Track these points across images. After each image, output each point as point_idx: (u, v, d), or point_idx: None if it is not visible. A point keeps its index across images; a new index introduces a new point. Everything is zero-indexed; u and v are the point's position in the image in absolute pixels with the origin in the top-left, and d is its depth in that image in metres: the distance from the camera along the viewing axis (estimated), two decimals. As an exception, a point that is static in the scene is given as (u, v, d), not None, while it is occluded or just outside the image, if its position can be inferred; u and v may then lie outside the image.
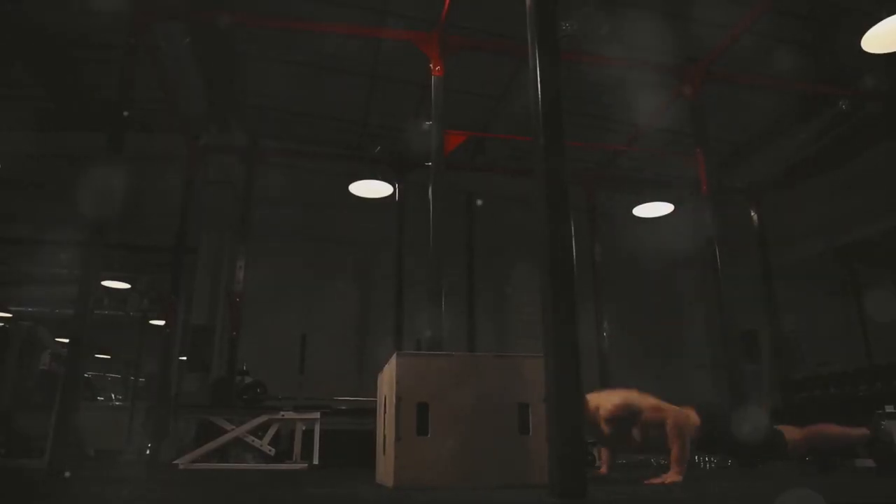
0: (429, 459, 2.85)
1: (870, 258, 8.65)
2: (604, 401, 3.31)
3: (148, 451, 6.45)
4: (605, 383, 7.91)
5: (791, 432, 3.62)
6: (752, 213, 8.02)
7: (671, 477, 3.10)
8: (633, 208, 8.35)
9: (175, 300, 6.35)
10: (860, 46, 5.48)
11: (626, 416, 3.27)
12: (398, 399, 2.90)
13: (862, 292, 8.41)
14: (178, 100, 7.27)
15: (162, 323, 7.55)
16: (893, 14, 4.98)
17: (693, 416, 3.34)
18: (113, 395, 11.51)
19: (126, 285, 9.64)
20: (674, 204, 8.26)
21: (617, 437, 3.36)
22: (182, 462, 5.40)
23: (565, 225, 2.30)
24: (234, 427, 5.66)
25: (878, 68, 6.52)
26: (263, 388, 7.11)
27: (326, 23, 5.71)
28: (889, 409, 5.59)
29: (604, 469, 3.73)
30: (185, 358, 8.12)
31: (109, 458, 7.16)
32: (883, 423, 3.83)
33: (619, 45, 6.31)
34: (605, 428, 3.29)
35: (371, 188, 7.63)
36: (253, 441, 5.71)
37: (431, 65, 5.04)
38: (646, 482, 3.06)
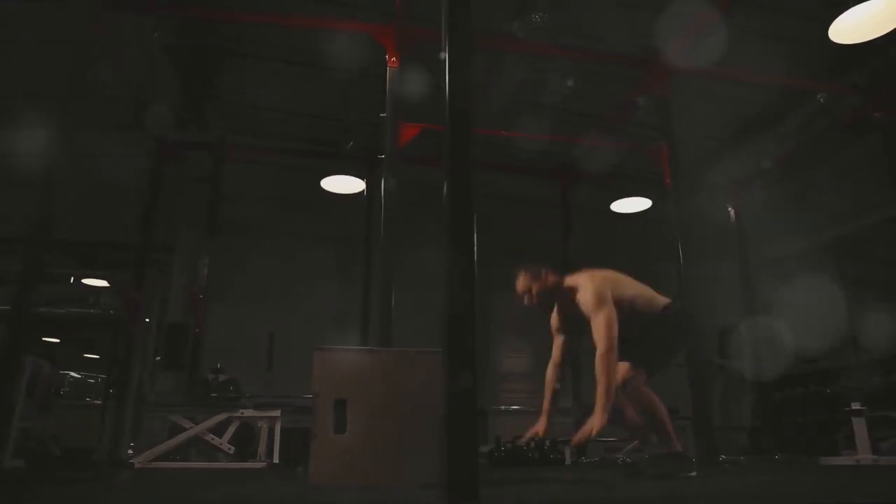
0: (346, 458, 2.77)
1: (857, 253, 8.54)
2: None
3: (130, 451, 6.39)
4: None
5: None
6: (730, 209, 7.89)
7: (593, 423, 2.92)
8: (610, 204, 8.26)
9: (138, 297, 6.27)
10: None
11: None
12: (314, 395, 2.81)
13: (849, 288, 8.31)
14: (145, 95, 7.25)
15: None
16: (859, 3, 4.87)
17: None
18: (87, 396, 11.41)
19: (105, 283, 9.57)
20: (651, 199, 8.16)
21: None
22: (139, 461, 5.33)
23: (468, 221, 2.20)
24: (193, 425, 5.58)
25: (853, 61, 6.40)
26: (237, 386, 7.04)
27: (286, 16, 5.63)
28: (855, 405, 5.52)
29: (541, 428, 3.34)
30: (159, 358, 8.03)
31: (77, 458, 7.10)
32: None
33: (586, 38, 6.23)
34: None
35: (343, 184, 7.55)
36: (213, 439, 5.63)
37: (387, 56, 4.95)
38: (573, 441, 3.09)
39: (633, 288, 3.32)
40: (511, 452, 6.28)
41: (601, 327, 3.02)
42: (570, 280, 3.32)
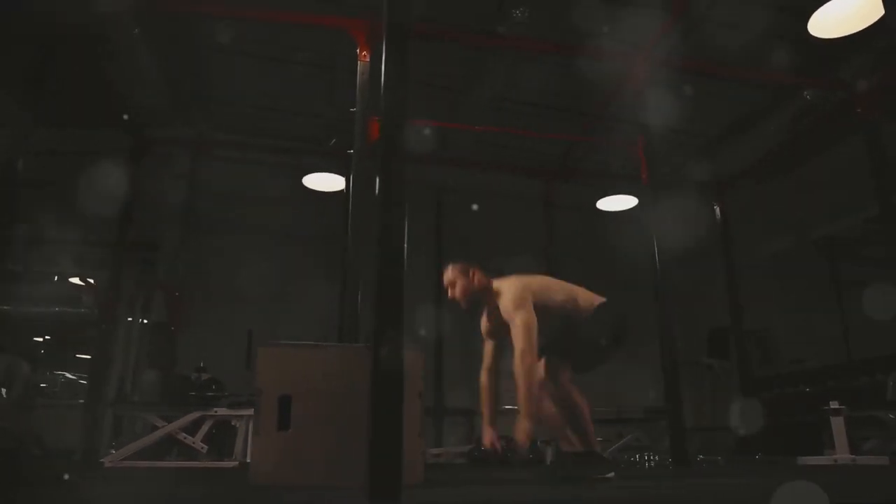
0: (289, 456, 2.70)
1: (848, 251, 8.46)
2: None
3: (113, 451, 6.34)
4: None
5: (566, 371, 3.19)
6: (716, 208, 7.81)
7: (518, 432, 2.92)
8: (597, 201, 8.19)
9: (113, 295, 6.22)
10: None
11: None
12: (257, 391, 2.75)
13: (841, 287, 8.22)
14: (127, 92, 7.20)
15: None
16: (837, -5, 4.80)
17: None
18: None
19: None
20: (638, 197, 8.08)
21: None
22: (109, 460, 5.28)
23: (399, 218, 2.14)
24: (165, 424, 5.54)
25: (837, 55, 6.32)
26: (220, 384, 6.99)
27: (262, 10, 5.57)
28: (833, 405, 5.44)
29: (487, 439, 3.24)
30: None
31: (58, 458, 7.06)
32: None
33: (566, 32, 6.16)
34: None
35: (325, 181, 7.49)
36: (185, 438, 5.57)
37: (358, 50, 4.89)
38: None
39: (563, 292, 3.24)
40: (489, 452, 6.21)
41: (519, 331, 2.99)
42: (497, 284, 3.25)
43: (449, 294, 3.32)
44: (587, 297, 3.26)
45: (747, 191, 8.36)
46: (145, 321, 8.14)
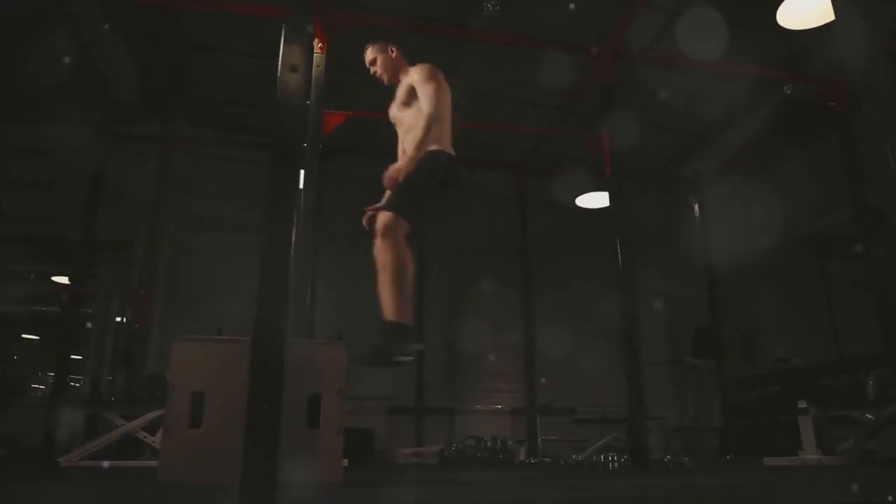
0: (200, 454, 2.61)
1: (836, 248, 8.33)
2: None
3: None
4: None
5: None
6: (694, 204, 7.69)
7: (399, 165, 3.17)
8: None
9: (75, 293, 6.14)
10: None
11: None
12: (170, 387, 2.66)
13: (830, 283, 8.10)
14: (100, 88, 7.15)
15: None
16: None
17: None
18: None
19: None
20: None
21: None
22: (65, 459, 5.19)
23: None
24: (124, 422, 5.45)
25: (812, 47, 6.20)
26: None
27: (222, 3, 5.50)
28: (802, 404, 5.32)
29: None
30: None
31: (32, 458, 7.01)
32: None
33: (539, 26, 6.05)
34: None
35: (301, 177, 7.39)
36: (145, 437, 5.49)
37: (314, 42, 4.80)
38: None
39: (447, 116, 3.33)
40: (459, 453, 6.12)
41: (429, 92, 3.18)
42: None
43: (371, 71, 3.50)
44: (443, 137, 3.28)
45: (729, 186, 8.24)
46: (121, 320, 8.10)
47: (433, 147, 3.19)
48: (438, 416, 8.98)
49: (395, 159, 3.37)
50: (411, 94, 3.33)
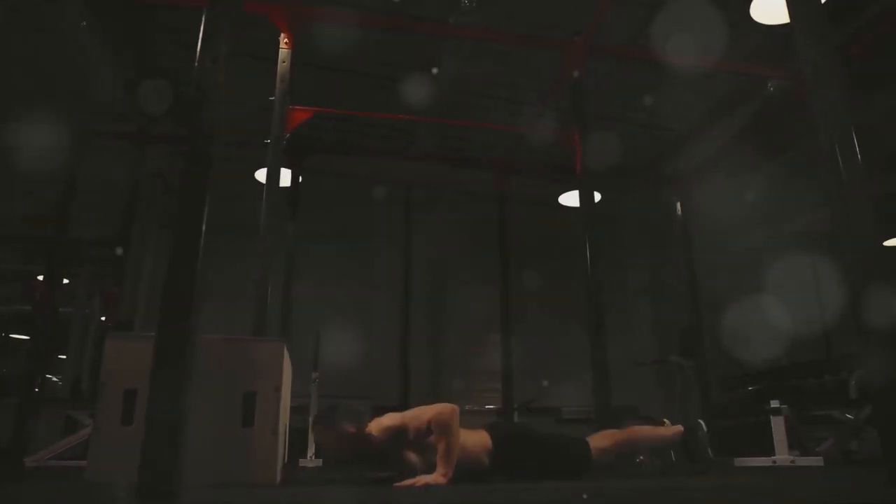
0: (131, 452, 2.55)
1: (823, 245, 8.24)
2: (375, 426, 2.90)
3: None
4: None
5: (599, 440, 3.31)
6: (677, 201, 7.61)
7: (434, 478, 2.71)
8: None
9: (46, 291, 6.09)
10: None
11: (396, 436, 2.86)
12: (101, 385, 2.60)
13: (819, 281, 8.01)
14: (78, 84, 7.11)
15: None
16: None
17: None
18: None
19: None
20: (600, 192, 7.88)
21: (407, 462, 2.94)
22: (32, 459, 5.16)
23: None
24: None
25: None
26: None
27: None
28: (774, 404, 5.25)
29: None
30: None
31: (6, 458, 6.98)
32: (700, 419, 3.53)
33: (516, 21, 5.98)
34: (391, 454, 2.93)
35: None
36: (115, 437, 5.44)
37: (281, 37, 4.75)
38: (396, 484, 2.69)
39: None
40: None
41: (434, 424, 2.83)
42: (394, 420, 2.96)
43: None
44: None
45: (714, 185, 8.16)
46: (104, 319, 8.06)
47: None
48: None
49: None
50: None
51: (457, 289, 9.53)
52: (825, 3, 3.01)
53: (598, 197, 7.91)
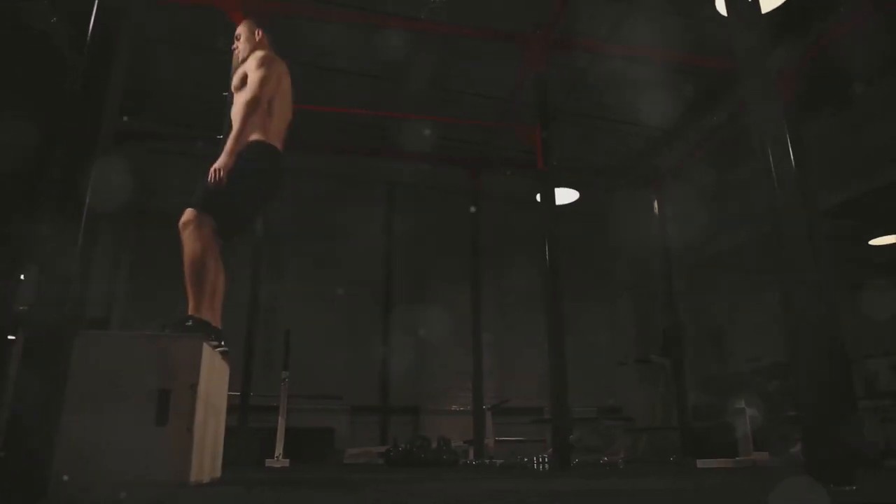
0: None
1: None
2: None
3: None
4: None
5: None
6: (654, 201, 7.52)
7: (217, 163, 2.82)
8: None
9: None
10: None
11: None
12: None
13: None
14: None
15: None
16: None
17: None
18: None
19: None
20: (578, 191, 7.82)
21: None
22: None
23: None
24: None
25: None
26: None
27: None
28: (739, 404, 5.18)
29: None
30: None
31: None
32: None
33: (482, 16, 5.91)
34: None
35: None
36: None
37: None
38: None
39: (280, 108, 3.08)
40: (405, 453, 5.97)
41: (255, 79, 2.94)
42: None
43: (233, 46, 3.32)
44: (275, 133, 3.05)
45: (695, 184, 8.07)
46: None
47: (255, 137, 2.93)
48: (404, 415, 8.85)
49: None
50: (243, 82, 3.05)
51: (436, 287, 9.44)
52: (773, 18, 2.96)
53: (576, 195, 7.90)
